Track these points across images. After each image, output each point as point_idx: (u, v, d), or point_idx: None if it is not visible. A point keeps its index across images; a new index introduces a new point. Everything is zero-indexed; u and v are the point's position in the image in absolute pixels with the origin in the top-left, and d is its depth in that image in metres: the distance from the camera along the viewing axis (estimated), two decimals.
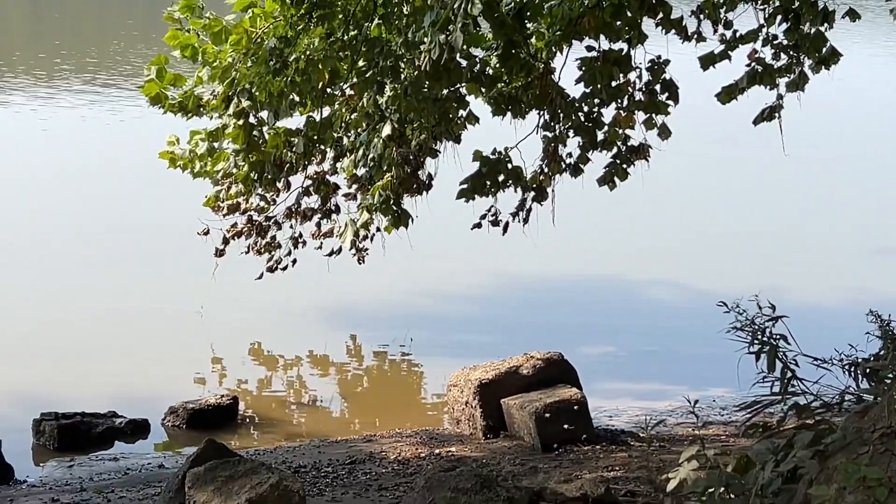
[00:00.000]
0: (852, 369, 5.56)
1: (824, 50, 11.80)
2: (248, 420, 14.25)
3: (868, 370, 5.48)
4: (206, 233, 13.97)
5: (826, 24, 11.68)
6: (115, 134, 28.12)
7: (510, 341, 15.88)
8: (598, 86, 11.80)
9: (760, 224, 22.97)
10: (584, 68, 11.63)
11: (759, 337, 5.55)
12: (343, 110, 12.37)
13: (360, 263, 13.61)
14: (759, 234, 22.30)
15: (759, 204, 24.45)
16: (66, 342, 16.24)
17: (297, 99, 12.02)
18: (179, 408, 13.91)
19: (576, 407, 12.59)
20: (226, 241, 14.01)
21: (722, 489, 5.48)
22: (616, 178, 12.45)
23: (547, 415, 12.48)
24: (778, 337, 5.58)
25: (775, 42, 11.90)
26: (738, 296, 5.93)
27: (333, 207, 13.59)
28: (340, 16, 11.41)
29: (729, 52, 11.87)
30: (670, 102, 12.12)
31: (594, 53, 11.52)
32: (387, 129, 11.63)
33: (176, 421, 13.87)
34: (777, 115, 12.08)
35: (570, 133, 12.34)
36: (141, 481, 12.11)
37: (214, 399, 14.12)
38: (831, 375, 5.72)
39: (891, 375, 5.23)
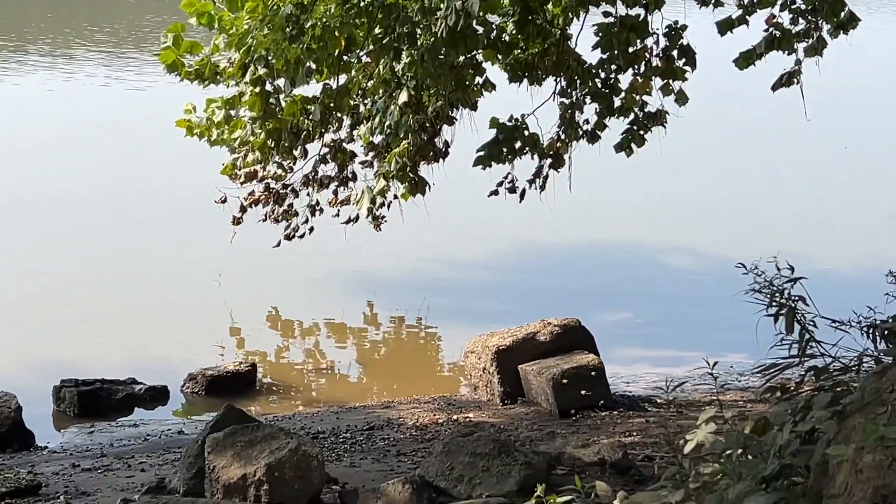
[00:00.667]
0: (871, 331, 5.56)
1: (843, 14, 11.74)
2: (266, 387, 14.30)
3: (887, 332, 5.48)
4: (224, 201, 14.00)
5: None
6: (131, 102, 28.14)
7: (527, 308, 15.89)
8: (615, 52, 11.78)
9: (778, 190, 22.92)
10: (600, 34, 11.60)
11: (778, 298, 5.56)
12: (360, 77, 12.35)
13: (376, 231, 13.62)
14: (776, 201, 22.25)
15: (777, 170, 24.38)
16: (85, 309, 16.30)
17: (313, 66, 11.98)
18: (198, 374, 13.98)
19: (593, 373, 12.61)
20: (243, 209, 14.03)
21: (740, 451, 5.50)
22: (633, 145, 12.43)
23: (564, 381, 12.50)
24: (797, 298, 5.59)
25: (793, 6, 11.83)
26: (755, 261, 5.92)
27: (350, 175, 13.59)
28: None
29: (746, 17, 11.82)
30: (688, 68, 12.09)
31: (611, 19, 11.49)
32: (403, 96, 11.60)
33: (195, 388, 13.93)
34: (796, 80, 12.03)
35: (587, 99, 12.32)
36: (161, 447, 12.18)
37: (233, 366, 14.18)
38: (849, 338, 5.72)
39: None
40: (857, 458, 4.76)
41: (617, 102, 12.26)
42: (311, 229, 13.98)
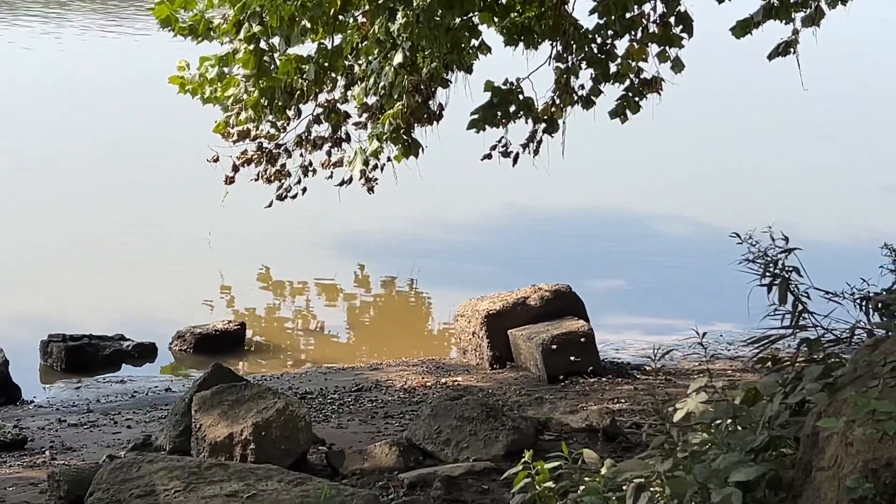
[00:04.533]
0: (864, 303, 5.53)
1: None
2: (254, 346, 14.28)
3: (880, 304, 5.45)
4: (216, 160, 13.90)
5: None
6: (123, 58, 28.00)
7: (518, 273, 15.87)
8: (612, 17, 11.71)
9: (773, 160, 22.88)
10: None
11: (772, 269, 5.52)
12: (355, 37, 12.26)
13: (370, 193, 13.56)
14: (771, 171, 22.22)
15: (772, 140, 24.33)
16: (75, 265, 16.26)
17: (308, 25, 11.90)
18: (187, 332, 13.94)
19: (583, 339, 12.60)
20: (235, 169, 13.93)
21: (729, 420, 5.48)
22: (628, 111, 12.38)
23: (553, 346, 12.49)
24: (790, 269, 5.55)
25: None
26: (749, 231, 5.88)
27: (344, 136, 13.51)
28: None
29: None
30: (684, 35, 12.03)
31: None
32: (398, 58, 11.51)
33: (183, 346, 13.91)
34: (792, 50, 11.97)
35: (583, 65, 12.26)
36: (148, 404, 12.17)
37: (222, 324, 14.15)
38: (842, 310, 5.69)
39: None
40: (848, 430, 4.74)
41: (613, 68, 12.20)
42: (304, 190, 13.89)
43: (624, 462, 5.96)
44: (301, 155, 13.70)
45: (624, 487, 5.35)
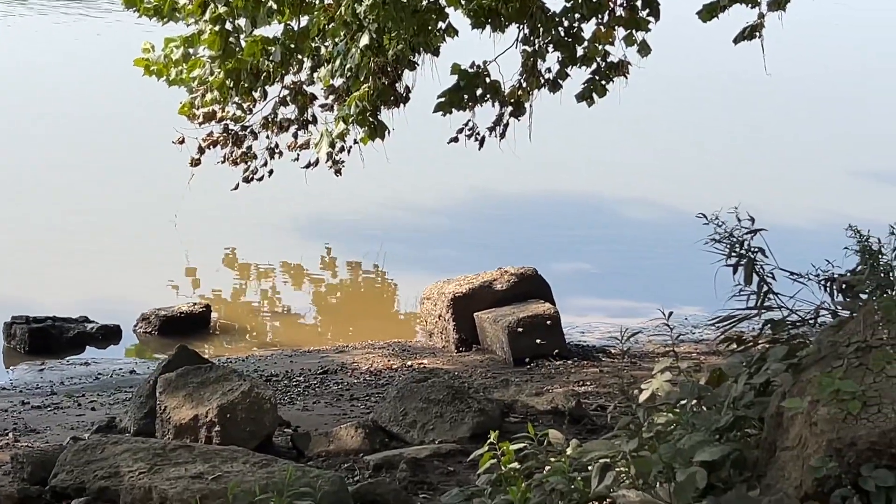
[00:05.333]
0: (829, 284, 5.55)
1: None
2: (220, 328, 14.23)
3: (844, 285, 5.48)
4: (182, 142, 13.83)
5: None
6: (88, 40, 27.83)
7: (484, 256, 15.88)
8: (579, 0, 11.69)
9: (739, 145, 22.95)
10: None
11: (738, 249, 5.54)
12: (321, 19, 12.21)
13: (336, 176, 13.52)
14: (737, 155, 22.29)
15: (738, 125, 24.41)
16: (39, 247, 16.16)
17: (274, 6, 11.86)
18: (151, 315, 13.89)
19: (548, 322, 12.62)
20: (201, 151, 13.86)
21: (694, 401, 5.50)
22: (594, 95, 12.38)
23: (519, 329, 12.51)
24: (756, 250, 5.57)
25: None
26: (715, 212, 5.88)
27: (310, 118, 13.46)
28: None
29: None
30: (651, 19, 12.03)
31: None
32: (365, 39, 11.48)
33: (148, 328, 13.85)
34: (758, 34, 11.99)
35: (550, 48, 12.24)
36: (112, 386, 12.12)
37: (187, 307, 14.10)
38: (807, 291, 5.71)
39: (867, 290, 5.23)
40: (812, 410, 4.76)
41: (579, 51, 12.20)
42: (271, 172, 13.83)
43: (589, 443, 5.98)
44: (267, 137, 13.65)
45: (589, 468, 5.37)
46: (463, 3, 11.93)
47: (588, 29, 12.15)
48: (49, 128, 21.35)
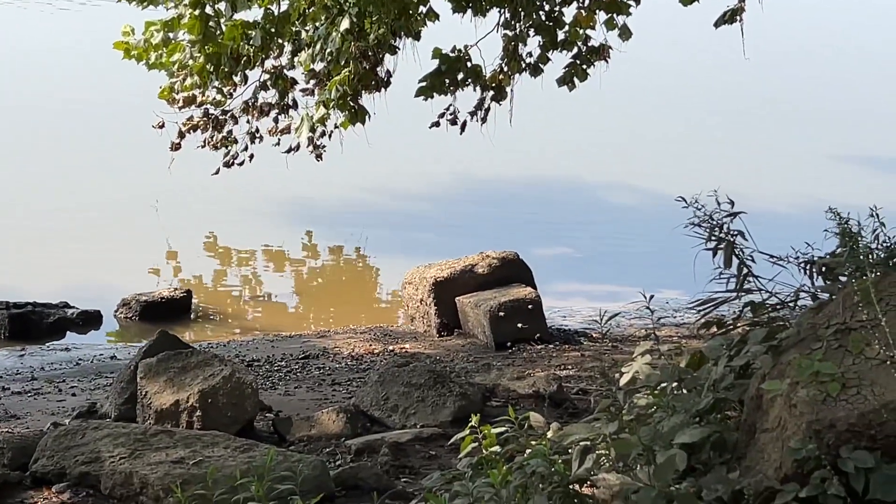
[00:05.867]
0: (808, 267, 5.55)
1: None
2: (201, 314, 14.21)
3: (824, 268, 5.48)
4: (162, 126, 13.77)
5: None
6: (66, 23, 27.72)
7: (466, 240, 15.89)
8: None
9: (719, 129, 22.97)
10: None
11: (717, 233, 5.54)
12: (301, 3, 12.18)
13: (318, 160, 13.49)
14: (717, 139, 22.31)
15: (719, 109, 24.43)
16: (19, 232, 16.11)
17: None
18: (132, 300, 13.86)
19: (530, 306, 12.62)
20: (181, 135, 13.81)
21: (675, 384, 5.50)
22: (576, 79, 12.37)
23: (501, 313, 12.51)
24: (736, 233, 5.57)
25: None
26: (695, 195, 5.88)
27: (291, 103, 13.42)
28: None
29: None
30: (632, 3, 12.01)
31: None
32: (345, 23, 11.45)
33: (128, 313, 13.82)
34: (738, 17, 11.99)
35: (531, 32, 12.22)
36: (93, 372, 12.10)
37: (168, 292, 14.08)
38: (787, 274, 5.71)
39: (847, 273, 5.23)
40: (792, 392, 4.77)
41: (561, 36, 12.18)
42: (251, 157, 13.79)
43: (570, 426, 5.99)
44: (248, 122, 13.60)
45: (570, 450, 5.37)
46: None
47: (569, 13, 12.14)
48: (28, 112, 21.26)
